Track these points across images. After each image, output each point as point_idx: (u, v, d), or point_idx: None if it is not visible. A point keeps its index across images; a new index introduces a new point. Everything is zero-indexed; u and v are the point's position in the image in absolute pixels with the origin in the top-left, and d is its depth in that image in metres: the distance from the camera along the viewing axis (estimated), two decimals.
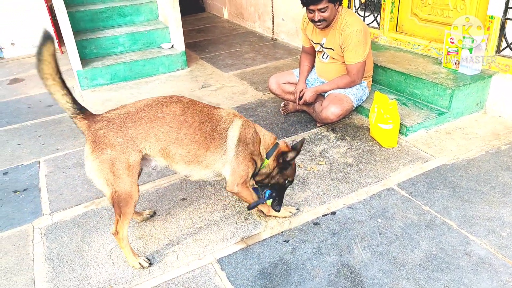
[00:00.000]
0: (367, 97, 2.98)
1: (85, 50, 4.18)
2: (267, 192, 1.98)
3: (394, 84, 3.08)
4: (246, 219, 2.07)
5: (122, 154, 1.66)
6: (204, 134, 1.78)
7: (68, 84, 1.66)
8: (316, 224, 2.00)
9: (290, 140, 2.79)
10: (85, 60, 4.12)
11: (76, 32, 4.25)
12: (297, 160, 2.52)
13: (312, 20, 2.61)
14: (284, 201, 2.08)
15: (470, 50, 2.71)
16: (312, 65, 3.09)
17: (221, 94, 3.67)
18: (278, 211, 1.98)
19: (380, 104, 2.54)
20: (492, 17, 2.68)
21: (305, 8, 2.63)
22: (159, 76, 4.25)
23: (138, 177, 1.78)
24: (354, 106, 2.84)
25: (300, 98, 2.89)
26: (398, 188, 2.22)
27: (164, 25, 4.51)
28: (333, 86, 2.80)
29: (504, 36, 2.69)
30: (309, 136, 2.83)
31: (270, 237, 1.94)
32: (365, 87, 2.89)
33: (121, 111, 1.73)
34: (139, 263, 1.81)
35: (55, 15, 5.00)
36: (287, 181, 2.00)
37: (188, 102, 1.82)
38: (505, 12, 2.62)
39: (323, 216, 2.06)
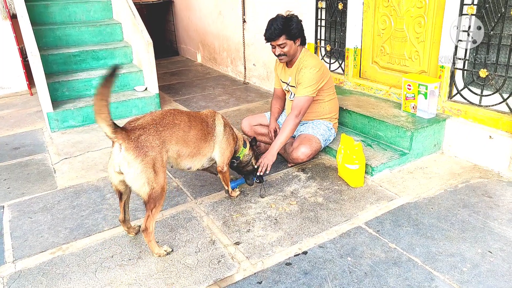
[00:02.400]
0: (334, 139, 3.13)
1: (56, 92, 4.17)
2: (254, 178, 2.68)
3: (359, 126, 3.27)
4: (219, 261, 2.07)
5: (159, 154, 1.98)
6: (203, 131, 2.29)
7: (37, 126, 1.71)
8: (288, 264, 2.03)
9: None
10: (56, 102, 4.11)
11: (48, 74, 4.26)
12: (269, 200, 2.60)
13: (275, 54, 2.87)
14: (255, 240, 2.18)
15: (425, 95, 2.95)
16: (282, 108, 3.25)
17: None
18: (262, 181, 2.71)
19: (346, 145, 2.68)
20: (442, 66, 2.95)
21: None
22: (132, 118, 4.25)
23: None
24: (322, 146, 2.98)
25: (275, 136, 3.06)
26: (366, 226, 2.30)
27: (138, 69, 4.60)
28: (284, 134, 2.76)
29: (454, 84, 2.95)
30: (280, 177, 2.90)
31: (243, 279, 1.95)
32: (331, 128, 3.05)
33: (146, 120, 2.04)
34: (164, 250, 2.12)
35: (26, 57, 5.02)
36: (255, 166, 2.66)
37: (186, 113, 2.29)
38: (454, 62, 2.89)
39: (295, 256, 2.09)
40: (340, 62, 3.87)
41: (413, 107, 3.08)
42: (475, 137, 2.84)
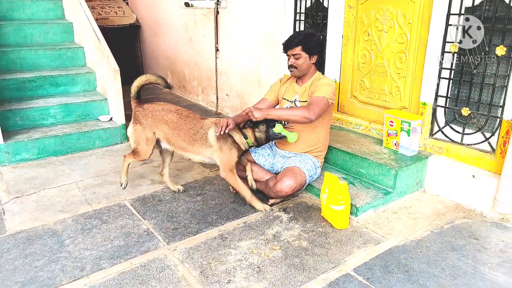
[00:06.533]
0: (317, 177, 3.01)
1: (8, 122, 3.79)
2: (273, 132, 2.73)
3: (340, 163, 3.17)
4: None
5: (143, 130, 2.86)
6: (188, 136, 2.79)
7: None
8: None
9: (242, 222, 2.66)
10: (7, 132, 3.71)
11: None
12: (250, 246, 2.40)
13: (288, 66, 2.88)
14: None
15: (408, 133, 2.91)
16: None
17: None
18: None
19: (330, 185, 2.55)
20: (424, 103, 2.94)
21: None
22: (95, 150, 3.95)
23: (163, 154, 3.11)
24: (307, 182, 2.84)
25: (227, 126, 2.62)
26: (355, 273, 2.16)
27: (102, 97, 4.31)
28: (286, 111, 2.64)
29: (436, 121, 2.94)
30: (260, 217, 2.72)
31: None
32: (318, 167, 2.93)
33: (149, 107, 2.88)
34: (125, 180, 3.01)
35: None
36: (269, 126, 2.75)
37: (184, 114, 2.84)
38: (435, 99, 2.89)
39: None
40: None
41: (395, 144, 3.03)
42: (458, 175, 2.82)
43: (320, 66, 2.96)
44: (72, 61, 4.66)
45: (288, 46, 2.79)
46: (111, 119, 4.24)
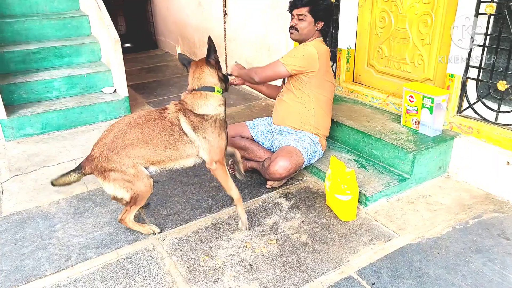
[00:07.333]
0: (321, 156, 2.70)
1: (12, 96, 3.70)
2: None
3: (352, 142, 2.82)
4: None
5: (122, 172, 2.12)
6: (166, 141, 2.16)
7: None
8: None
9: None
10: (11, 106, 3.64)
11: (4, 74, 3.79)
12: (244, 238, 2.19)
13: (289, 27, 2.63)
14: None
15: (430, 110, 2.49)
16: (272, 92, 2.95)
17: None
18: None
19: (336, 172, 2.24)
20: (452, 75, 2.49)
21: None
22: (98, 124, 3.81)
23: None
24: (305, 161, 2.56)
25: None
26: (359, 277, 1.89)
27: (106, 68, 4.11)
28: (244, 69, 2.72)
29: (465, 96, 2.49)
30: (259, 204, 2.48)
31: None
32: (317, 142, 2.62)
33: (100, 147, 2.13)
34: (151, 229, 2.27)
35: None
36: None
37: (143, 123, 2.16)
38: (466, 70, 2.43)
39: None
40: (331, 64, 3.39)
41: (416, 122, 2.62)
42: (489, 160, 2.40)
43: (323, 33, 2.60)
44: (77, 30, 4.46)
45: (294, 4, 2.56)
46: (115, 90, 4.06)
